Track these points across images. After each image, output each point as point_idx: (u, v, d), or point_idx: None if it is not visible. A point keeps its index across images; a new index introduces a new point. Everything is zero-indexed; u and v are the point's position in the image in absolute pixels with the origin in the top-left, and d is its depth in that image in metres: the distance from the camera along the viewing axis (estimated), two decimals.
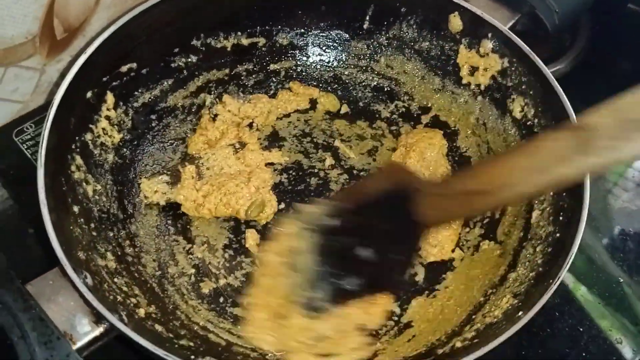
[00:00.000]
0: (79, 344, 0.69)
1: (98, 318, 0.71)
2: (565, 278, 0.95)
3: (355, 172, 1.01)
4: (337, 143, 1.04)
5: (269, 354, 0.81)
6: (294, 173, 1.00)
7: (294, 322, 0.80)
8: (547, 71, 0.90)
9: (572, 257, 0.77)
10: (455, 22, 0.99)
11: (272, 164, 1.00)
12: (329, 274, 0.77)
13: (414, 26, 1.02)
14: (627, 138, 0.57)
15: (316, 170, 1.01)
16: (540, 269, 0.81)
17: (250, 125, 1.03)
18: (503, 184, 0.64)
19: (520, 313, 0.74)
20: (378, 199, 0.76)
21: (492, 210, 0.92)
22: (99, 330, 0.71)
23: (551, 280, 0.75)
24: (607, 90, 1.18)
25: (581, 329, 0.91)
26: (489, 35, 0.96)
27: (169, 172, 0.95)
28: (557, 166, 0.60)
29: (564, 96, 0.87)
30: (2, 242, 0.93)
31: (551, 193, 0.87)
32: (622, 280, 0.96)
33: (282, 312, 0.81)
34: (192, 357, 0.74)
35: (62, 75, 0.86)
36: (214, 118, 1.01)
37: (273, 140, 1.03)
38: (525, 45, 0.92)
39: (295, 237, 0.81)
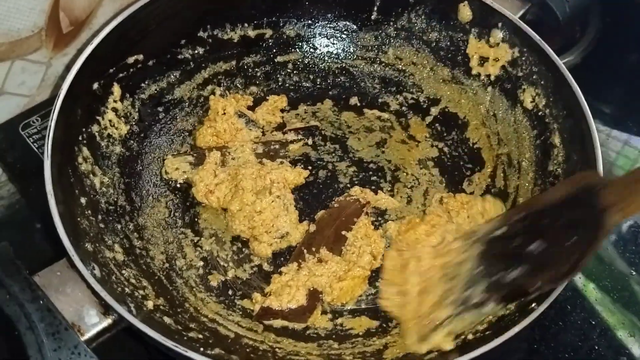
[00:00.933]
0: (87, 335, 0.69)
1: (106, 309, 0.70)
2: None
3: (364, 164, 1.00)
4: (345, 135, 1.03)
5: (278, 348, 0.81)
6: (302, 166, 0.99)
7: None
8: (559, 61, 0.89)
9: None
10: (465, 12, 0.97)
11: None
12: (486, 273, 0.75)
13: (423, 16, 1.02)
14: None
15: (324, 163, 1.00)
16: None
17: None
18: None
19: (533, 305, 0.73)
20: (552, 203, 0.75)
21: None
22: (107, 321, 0.70)
23: None
24: (617, 81, 1.18)
25: (593, 322, 0.90)
26: (499, 24, 0.95)
27: (195, 154, 0.95)
28: None
29: (576, 86, 0.86)
30: (10, 235, 0.92)
31: None
32: (633, 274, 0.95)
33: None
34: (202, 349, 0.73)
35: (68, 68, 0.86)
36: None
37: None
38: (536, 35, 0.91)
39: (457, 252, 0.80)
